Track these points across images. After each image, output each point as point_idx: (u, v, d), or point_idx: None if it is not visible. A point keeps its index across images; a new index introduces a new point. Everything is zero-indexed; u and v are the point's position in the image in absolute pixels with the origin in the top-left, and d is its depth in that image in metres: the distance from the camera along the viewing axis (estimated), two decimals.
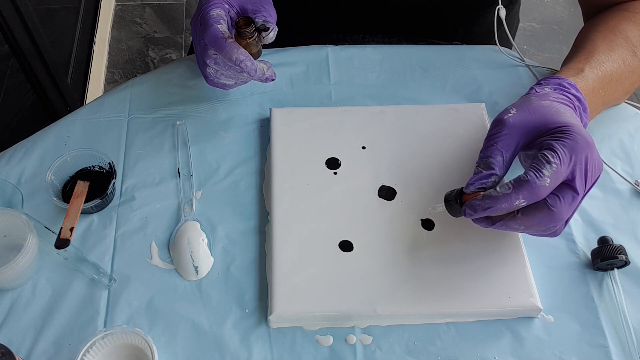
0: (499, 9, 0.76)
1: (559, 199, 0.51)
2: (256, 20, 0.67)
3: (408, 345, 0.58)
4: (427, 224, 0.63)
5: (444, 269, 0.60)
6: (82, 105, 1.07)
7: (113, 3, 2.11)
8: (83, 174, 0.69)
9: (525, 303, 0.59)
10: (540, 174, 0.50)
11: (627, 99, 0.74)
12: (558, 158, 0.50)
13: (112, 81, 1.90)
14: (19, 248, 0.58)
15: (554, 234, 0.56)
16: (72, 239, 0.62)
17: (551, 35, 2.03)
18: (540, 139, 0.54)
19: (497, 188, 0.52)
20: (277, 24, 0.70)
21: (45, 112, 1.47)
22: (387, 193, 0.66)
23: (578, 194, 0.52)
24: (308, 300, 0.59)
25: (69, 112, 0.78)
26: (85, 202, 0.64)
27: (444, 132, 0.71)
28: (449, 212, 0.57)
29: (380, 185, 0.67)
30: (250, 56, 0.65)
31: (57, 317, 0.60)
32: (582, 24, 0.77)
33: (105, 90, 1.87)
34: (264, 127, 0.74)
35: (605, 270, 0.62)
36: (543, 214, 0.52)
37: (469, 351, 0.58)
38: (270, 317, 0.58)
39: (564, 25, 2.06)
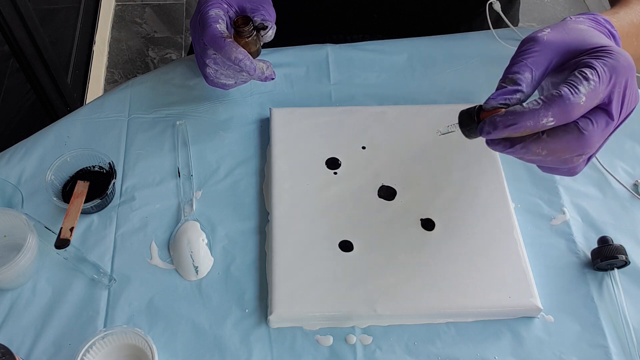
0: (491, 3, 0.75)
1: (592, 122, 0.46)
2: (254, 19, 0.67)
3: (408, 345, 0.58)
4: (427, 224, 0.63)
5: (443, 269, 0.60)
6: (82, 105, 1.07)
7: (113, 3, 2.11)
8: (83, 174, 0.69)
9: (525, 303, 0.59)
10: (576, 90, 0.44)
11: None
12: (597, 76, 0.45)
13: (112, 81, 1.90)
14: (19, 248, 0.58)
15: (573, 170, 0.50)
16: (72, 239, 0.62)
17: None
18: (577, 59, 0.48)
19: (524, 104, 0.46)
20: (277, 24, 0.69)
21: (45, 112, 1.47)
22: (387, 193, 0.66)
23: (612, 120, 0.46)
24: (308, 300, 0.59)
25: (69, 112, 0.78)
26: (85, 202, 0.64)
27: None
28: (462, 131, 0.49)
29: (380, 185, 0.67)
30: (249, 55, 0.65)
31: (57, 317, 0.60)
32: None
33: (105, 90, 1.87)
34: (264, 127, 0.74)
35: (605, 270, 0.62)
36: (572, 136, 0.46)
37: (469, 351, 0.58)
38: (270, 317, 0.58)
39: None
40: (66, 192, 0.67)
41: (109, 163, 0.67)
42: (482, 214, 0.64)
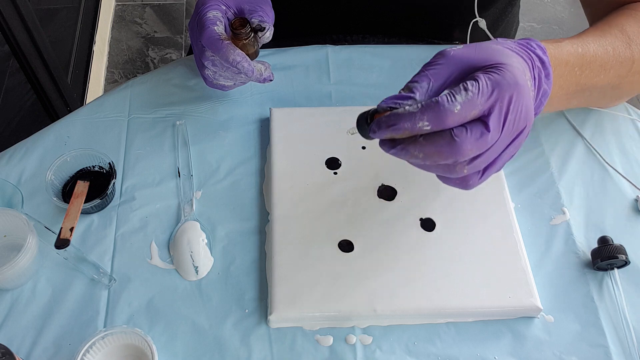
0: (477, 21, 0.76)
1: (466, 130, 0.46)
2: (252, 20, 0.67)
3: (408, 345, 0.58)
4: (427, 224, 0.63)
5: (443, 269, 0.60)
6: (82, 105, 1.07)
7: (113, 3, 2.11)
8: (83, 174, 0.69)
9: (525, 303, 0.59)
10: (452, 98, 0.46)
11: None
12: (477, 87, 0.46)
13: (112, 81, 1.90)
14: (19, 248, 0.58)
15: (465, 183, 0.51)
16: (72, 239, 0.62)
17: (551, 35, 2.03)
18: (472, 74, 0.49)
19: (406, 107, 0.47)
20: (276, 24, 0.70)
21: (45, 112, 1.47)
22: (387, 193, 0.66)
23: (488, 131, 0.46)
24: (308, 300, 0.59)
25: (69, 112, 0.78)
26: (85, 202, 0.64)
27: None
28: (359, 131, 0.51)
29: (380, 185, 0.67)
30: (247, 57, 0.65)
31: (57, 317, 0.60)
32: (582, 24, 0.77)
33: (105, 90, 1.87)
34: (264, 127, 0.74)
35: (605, 270, 0.62)
36: (445, 142, 0.46)
37: (469, 351, 0.58)
38: (270, 317, 0.58)
39: (564, 25, 2.06)
40: (66, 192, 0.67)
41: (109, 163, 0.67)
42: (482, 213, 0.64)
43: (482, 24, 0.76)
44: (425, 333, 0.59)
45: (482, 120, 0.47)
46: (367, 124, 0.50)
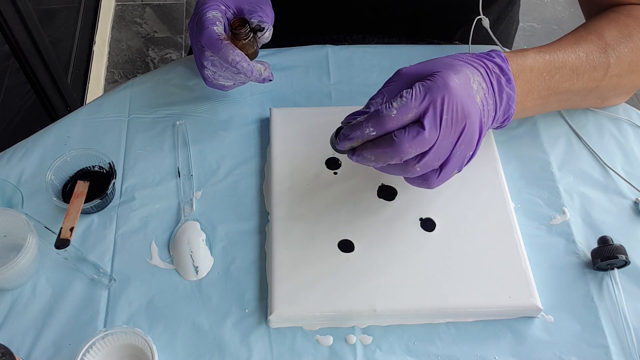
0: (480, 19, 0.76)
1: (404, 131, 0.52)
2: (251, 20, 0.67)
3: (408, 345, 0.58)
4: (427, 224, 0.63)
5: (443, 269, 0.60)
6: (82, 105, 1.07)
7: (113, 3, 2.11)
8: (83, 174, 0.69)
9: (525, 303, 0.59)
10: (390, 105, 0.52)
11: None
12: (411, 94, 0.52)
13: (112, 81, 1.91)
14: (19, 248, 0.58)
15: (425, 181, 0.56)
16: (72, 239, 0.62)
17: (551, 35, 2.03)
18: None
19: (359, 118, 0.54)
20: (276, 24, 0.70)
21: (45, 112, 1.47)
22: (387, 193, 0.66)
23: (424, 129, 0.52)
24: (308, 300, 0.59)
25: (69, 112, 0.78)
26: (85, 202, 0.64)
27: None
28: (332, 147, 0.57)
29: (380, 185, 0.67)
30: (247, 57, 0.65)
31: (57, 317, 0.60)
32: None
33: (105, 90, 1.87)
34: (264, 127, 0.74)
35: (605, 270, 0.62)
36: (386, 143, 0.53)
37: (469, 351, 0.58)
38: (270, 317, 0.58)
39: (564, 25, 2.06)
40: (66, 192, 0.67)
41: (109, 163, 0.67)
42: (482, 213, 0.64)
43: (486, 22, 0.76)
44: (425, 333, 0.59)
45: (419, 121, 0.52)
46: (335, 137, 0.56)
